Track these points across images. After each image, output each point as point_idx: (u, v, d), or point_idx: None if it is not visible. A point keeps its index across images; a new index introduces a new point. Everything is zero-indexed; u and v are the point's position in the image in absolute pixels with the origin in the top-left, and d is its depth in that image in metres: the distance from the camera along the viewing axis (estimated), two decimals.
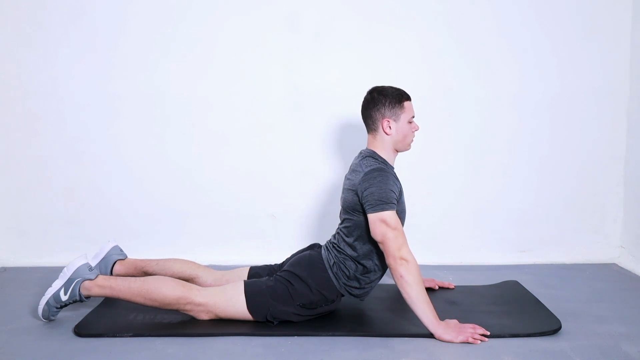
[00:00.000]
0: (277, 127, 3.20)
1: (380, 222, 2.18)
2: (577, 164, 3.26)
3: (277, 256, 2.79)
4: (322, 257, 2.35)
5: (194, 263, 2.55)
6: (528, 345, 2.10)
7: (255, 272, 2.48)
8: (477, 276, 2.98)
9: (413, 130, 2.37)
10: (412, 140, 2.40)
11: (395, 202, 2.23)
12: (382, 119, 2.33)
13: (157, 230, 3.21)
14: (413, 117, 2.38)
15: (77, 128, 3.14)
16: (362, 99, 2.41)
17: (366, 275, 2.33)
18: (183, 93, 3.15)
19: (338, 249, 2.35)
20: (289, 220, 3.24)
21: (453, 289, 2.75)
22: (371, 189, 2.22)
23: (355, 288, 2.34)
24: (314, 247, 2.52)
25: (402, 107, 2.34)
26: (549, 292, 2.71)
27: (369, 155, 2.34)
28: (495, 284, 2.80)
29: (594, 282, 2.90)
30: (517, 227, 3.26)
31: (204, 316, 2.26)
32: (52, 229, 3.18)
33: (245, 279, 2.45)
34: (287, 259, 2.51)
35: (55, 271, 2.95)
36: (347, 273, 2.31)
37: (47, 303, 2.26)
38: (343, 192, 2.39)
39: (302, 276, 2.28)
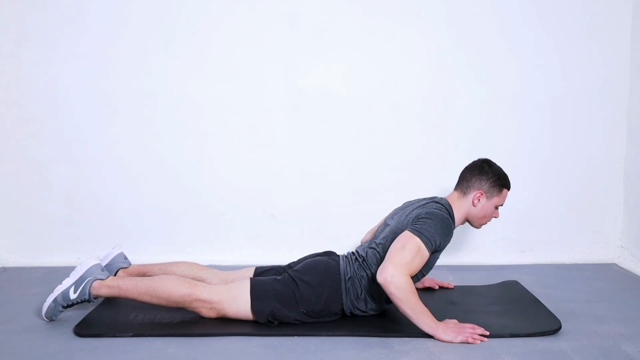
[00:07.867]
0: (277, 127, 3.20)
1: (402, 245, 2.17)
2: (578, 164, 3.25)
3: (277, 256, 2.78)
4: (339, 268, 2.32)
5: (197, 265, 2.53)
6: (528, 345, 2.10)
7: (261, 273, 2.46)
8: (477, 276, 2.98)
9: (493, 216, 2.40)
10: (485, 224, 2.43)
11: (432, 247, 2.20)
12: (478, 189, 2.35)
13: (156, 230, 3.20)
14: (501, 205, 2.41)
15: (75, 129, 3.14)
16: (471, 161, 2.44)
17: (374, 299, 2.30)
18: (182, 93, 3.15)
19: (363, 263, 2.32)
20: (289, 220, 3.24)
21: (452, 288, 2.75)
22: (426, 219, 2.23)
23: (359, 310, 2.32)
24: (330, 254, 2.47)
25: (500, 191, 2.37)
26: (549, 292, 2.70)
27: (445, 206, 2.32)
28: (495, 284, 2.80)
29: (594, 282, 2.90)
30: (517, 227, 3.26)
31: (211, 314, 2.25)
32: (52, 229, 3.18)
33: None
34: (299, 260, 2.47)
35: (55, 271, 2.97)
36: (358, 291, 2.29)
37: (55, 300, 2.25)
38: (398, 216, 2.37)
39: (314, 284, 2.26)
